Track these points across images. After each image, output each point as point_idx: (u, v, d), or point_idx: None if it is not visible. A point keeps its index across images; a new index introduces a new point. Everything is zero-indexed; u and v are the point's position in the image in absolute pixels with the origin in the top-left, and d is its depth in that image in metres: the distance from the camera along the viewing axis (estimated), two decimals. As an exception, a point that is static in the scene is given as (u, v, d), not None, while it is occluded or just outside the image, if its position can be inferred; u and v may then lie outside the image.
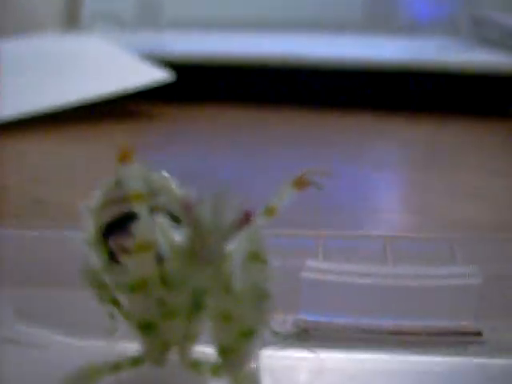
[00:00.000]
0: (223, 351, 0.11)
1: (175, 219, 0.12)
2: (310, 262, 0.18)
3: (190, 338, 0.13)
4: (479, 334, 0.17)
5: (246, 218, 0.11)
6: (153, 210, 0.12)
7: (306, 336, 0.17)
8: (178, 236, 0.12)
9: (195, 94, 0.57)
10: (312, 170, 0.13)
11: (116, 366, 0.13)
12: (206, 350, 0.13)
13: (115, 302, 0.14)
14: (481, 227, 0.24)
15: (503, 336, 0.17)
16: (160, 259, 0.12)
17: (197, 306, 0.12)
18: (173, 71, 0.49)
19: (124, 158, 0.12)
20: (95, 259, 0.14)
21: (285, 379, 0.13)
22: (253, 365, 0.12)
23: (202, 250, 0.11)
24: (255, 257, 0.12)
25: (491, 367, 0.16)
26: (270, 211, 0.12)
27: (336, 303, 0.17)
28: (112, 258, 0.14)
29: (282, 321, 0.17)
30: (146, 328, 0.12)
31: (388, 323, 0.17)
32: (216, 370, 0.13)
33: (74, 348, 0.16)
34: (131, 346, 0.16)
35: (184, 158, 0.40)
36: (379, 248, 0.18)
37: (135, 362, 0.13)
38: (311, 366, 0.15)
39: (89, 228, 0.14)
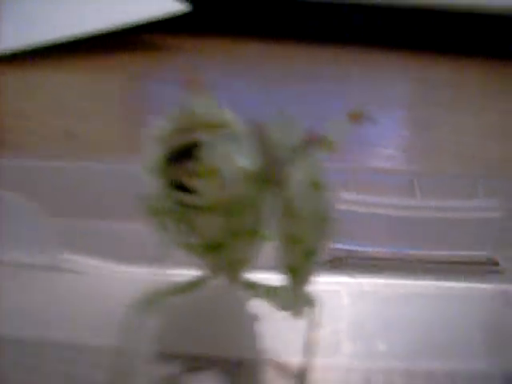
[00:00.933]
0: (289, 270, 0.12)
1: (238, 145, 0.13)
2: (345, 195, 0.18)
3: (247, 261, 0.14)
4: (496, 263, 0.19)
5: (311, 140, 0.12)
6: (219, 137, 0.12)
7: (340, 264, 0.18)
8: (244, 161, 0.12)
9: (211, 26, 0.55)
10: (366, 104, 0.13)
11: (179, 289, 0.13)
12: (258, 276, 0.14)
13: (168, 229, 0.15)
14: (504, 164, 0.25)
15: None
16: (228, 184, 0.12)
17: (259, 228, 0.13)
18: (189, 2, 0.48)
19: (192, 86, 0.12)
20: (155, 186, 0.14)
21: (330, 302, 0.14)
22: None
23: (271, 169, 0.12)
24: (316, 184, 0.12)
25: (507, 293, 0.18)
26: (328, 145, 0.13)
27: (367, 233, 0.18)
28: (173, 185, 0.15)
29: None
30: (213, 248, 0.13)
31: (414, 252, 0.18)
32: (271, 291, 0.14)
33: (121, 274, 0.17)
34: (178, 273, 0.17)
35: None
36: (407, 183, 0.19)
37: (195, 284, 0.14)
38: (351, 290, 0.16)
39: (152, 155, 0.15)
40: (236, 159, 0.13)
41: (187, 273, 0.16)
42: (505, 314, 0.17)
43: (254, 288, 0.14)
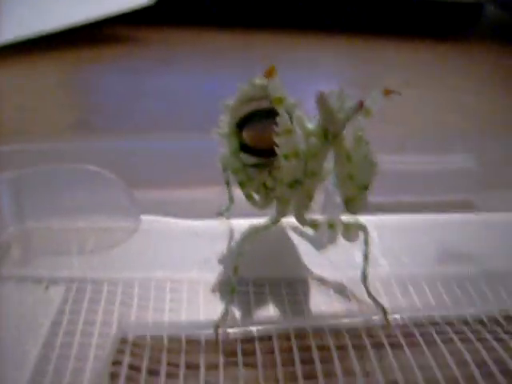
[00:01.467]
0: (348, 200, 0.17)
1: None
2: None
3: (313, 196, 0.18)
4: (471, 203, 0.25)
5: (360, 105, 0.16)
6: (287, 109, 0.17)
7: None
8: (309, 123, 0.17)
9: (176, 18, 0.57)
10: (395, 83, 0.18)
11: (266, 227, 0.18)
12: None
13: (243, 184, 0.19)
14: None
15: (489, 204, 0.24)
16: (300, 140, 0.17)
17: (323, 170, 0.18)
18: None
19: (270, 73, 0.17)
20: (229, 148, 0.19)
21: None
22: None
23: (331, 127, 0.16)
24: (361, 139, 0.17)
25: (477, 221, 0.24)
26: (367, 112, 0.18)
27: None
28: (242, 146, 0.19)
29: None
30: (294, 184, 0.17)
31: (409, 197, 0.24)
32: (332, 225, 0.18)
33: (194, 227, 0.22)
34: (239, 223, 0.22)
35: (175, 81, 0.43)
36: (399, 143, 0.25)
37: (276, 221, 0.19)
38: (375, 224, 0.21)
39: (225, 123, 0.19)
40: (304, 122, 0.18)
41: (245, 222, 0.21)
42: (477, 232, 0.23)
43: (316, 223, 0.19)
